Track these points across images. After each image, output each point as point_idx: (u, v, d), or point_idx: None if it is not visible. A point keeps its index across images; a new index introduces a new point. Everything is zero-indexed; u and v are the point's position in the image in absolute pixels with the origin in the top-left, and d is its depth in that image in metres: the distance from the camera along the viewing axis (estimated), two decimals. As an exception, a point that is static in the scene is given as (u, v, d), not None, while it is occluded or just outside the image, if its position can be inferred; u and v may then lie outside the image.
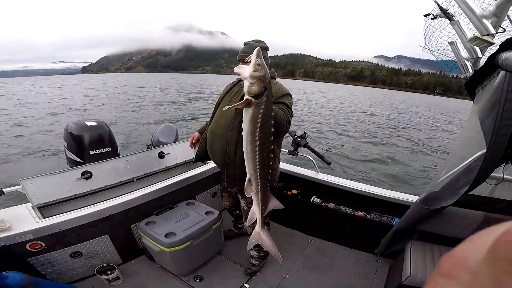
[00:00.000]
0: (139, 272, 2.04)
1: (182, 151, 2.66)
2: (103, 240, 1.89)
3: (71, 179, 1.89)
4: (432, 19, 1.64)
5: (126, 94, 24.67)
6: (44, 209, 1.77)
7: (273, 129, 1.25)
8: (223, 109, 1.32)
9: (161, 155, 2.43)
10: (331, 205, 2.43)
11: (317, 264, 2.22)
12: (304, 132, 2.61)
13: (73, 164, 2.55)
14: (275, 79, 1.73)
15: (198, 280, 2.00)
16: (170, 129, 3.26)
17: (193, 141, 2.17)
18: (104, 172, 2.07)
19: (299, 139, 2.54)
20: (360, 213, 2.32)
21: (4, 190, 1.69)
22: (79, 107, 15.41)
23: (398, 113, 23.24)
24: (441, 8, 1.50)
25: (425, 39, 1.95)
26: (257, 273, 2.10)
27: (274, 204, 1.46)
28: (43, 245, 1.59)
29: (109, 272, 1.90)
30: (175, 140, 3.17)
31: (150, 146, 3.21)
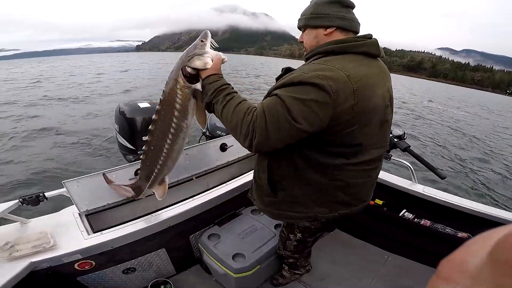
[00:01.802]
0: (193, 285, 1.79)
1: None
2: (159, 254, 1.60)
3: (123, 179, 1.54)
4: None
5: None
6: (93, 217, 1.47)
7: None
8: None
9: (224, 148, 2.01)
10: (426, 222, 1.96)
11: (394, 286, 1.83)
12: (404, 133, 2.00)
13: (124, 150, 2.31)
14: (326, 55, 0.98)
15: None
16: None
17: None
18: None
19: (396, 140, 1.96)
20: (463, 234, 1.84)
21: (47, 194, 1.37)
22: (129, 87, 15.31)
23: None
24: None
25: None
26: None
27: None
28: (93, 263, 1.33)
29: (163, 287, 1.65)
30: None
31: (205, 131, 2.94)
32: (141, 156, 1.20)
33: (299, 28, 1.11)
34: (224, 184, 1.82)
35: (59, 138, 6.33)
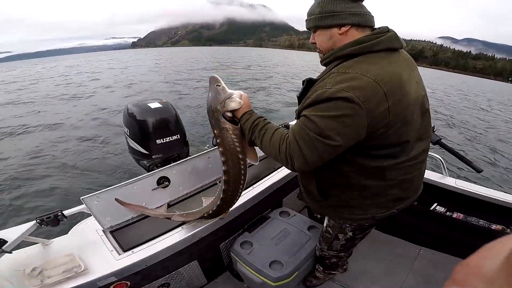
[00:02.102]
0: None
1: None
2: (191, 266, 1.53)
3: (145, 190, 1.44)
4: None
5: (177, 69, 24.10)
6: (118, 233, 1.37)
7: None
8: None
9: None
10: (459, 215, 1.91)
11: (430, 280, 1.80)
12: (433, 125, 1.98)
13: (136, 155, 2.12)
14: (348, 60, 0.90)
15: None
16: None
17: None
18: (184, 175, 1.60)
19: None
20: (497, 226, 1.80)
21: (65, 212, 1.26)
22: (131, 83, 14.76)
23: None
24: None
25: None
26: None
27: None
28: (129, 283, 1.26)
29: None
30: None
31: None
32: (221, 195, 1.23)
33: (309, 29, 1.02)
34: (250, 188, 1.72)
35: (65, 141, 6.02)
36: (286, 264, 1.47)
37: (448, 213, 1.97)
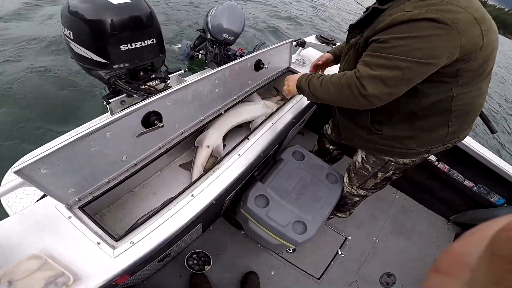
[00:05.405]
0: (224, 245, 1.63)
1: (277, 60, 1.66)
2: (196, 230, 1.29)
3: (125, 138, 0.91)
4: None
5: None
6: (91, 208, 0.88)
7: None
8: None
9: (259, 66, 1.47)
10: (445, 167, 1.98)
11: (402, 226, 2.06)
12: None
13: (86, 63, 1.52)
14: None
15: (291, 251, 1.71)
16: (236, 12, 2.20)
17: (319, 63, 1.38)
18: (181, 107, 1.09)
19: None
20: (469, 183, 1.96)
21: None
22: None
23: None
24: None
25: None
26: (350, 238, 1.90)
27: None
28: (132, 272, 0.94)
29: (195, 255, 1.56)
30: (242, 30, 2.23)
31: (202, 32, 2.40)
32: None
33: None
34: (262, 130, 1.32)
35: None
36: (309, 224, 1.29)
37: (436, 162, 2.01)
